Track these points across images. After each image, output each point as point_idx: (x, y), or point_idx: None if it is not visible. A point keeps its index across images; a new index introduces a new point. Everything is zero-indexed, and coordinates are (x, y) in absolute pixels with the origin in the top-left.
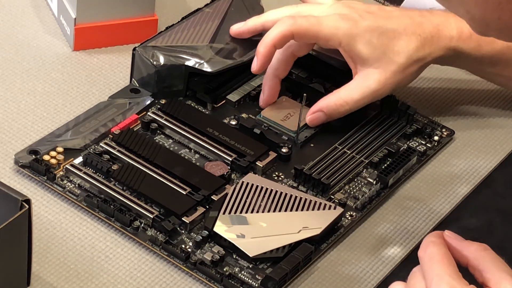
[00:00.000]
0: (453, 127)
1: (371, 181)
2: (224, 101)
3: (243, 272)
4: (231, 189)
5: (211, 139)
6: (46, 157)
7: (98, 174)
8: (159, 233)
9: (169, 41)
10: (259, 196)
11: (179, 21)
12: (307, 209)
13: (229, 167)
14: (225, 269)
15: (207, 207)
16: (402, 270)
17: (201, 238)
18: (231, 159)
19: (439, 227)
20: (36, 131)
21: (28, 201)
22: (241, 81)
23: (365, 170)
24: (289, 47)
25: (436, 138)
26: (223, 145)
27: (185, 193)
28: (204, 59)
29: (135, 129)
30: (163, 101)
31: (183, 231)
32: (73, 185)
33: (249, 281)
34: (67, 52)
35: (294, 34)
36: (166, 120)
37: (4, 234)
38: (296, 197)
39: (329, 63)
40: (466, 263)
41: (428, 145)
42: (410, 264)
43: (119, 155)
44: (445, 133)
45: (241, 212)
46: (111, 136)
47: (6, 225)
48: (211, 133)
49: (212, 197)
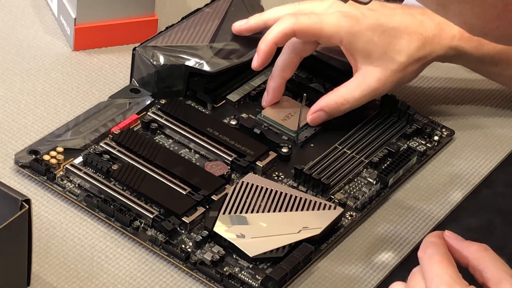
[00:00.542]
0: (453, 127)
1: (371, 181)
2: (224, 101)
3: (243, 272)
4: (231, 189)
5: (211, 139)
6: (46, 157)
7: (98, 174)
8: (159, 233)
9: (169, 41)
10: (259, 196)
11: (179, 21)
12: (307, 209)
13: (229, 167)
14: (225, 269)
15: (207, 207)
16: (402, 270)
17: (201, 238)
18: (231, 159)
19: (439, 227)
20: (36, 131)
21: (28, 201)
22: (241, 81)
23: (365, 170)
24: (295, 48)
25: (436, 138)
26: (223, 145)
27: (185, 193)
28: (204, 59)
29: (135, 129)
30: (163, 101)
31: (183, 231)
32: (73, 185)
33: (249, 281)
34: (67, 52)
35: (295, 32)
36: (166, 120)
37: (4, 234)
38: (296, 197)
39: (329, 63)
40: (466, 263)
41: (428, 145)
42: (410, 264)
43: (119, 155)
44: (445, 133)
45: (241, 212)
46: (111, 136)
47: (6, 225)
48: (211, 133)
49: (212, 197)
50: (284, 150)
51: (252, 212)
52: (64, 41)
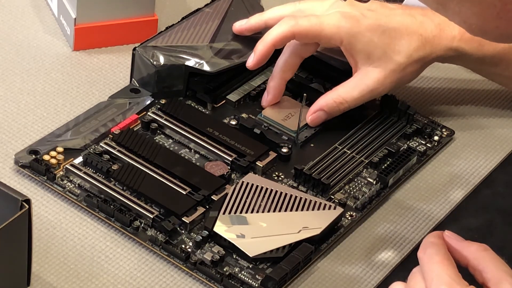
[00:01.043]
0: (453, 127)
1: (371, 181)
2: (224, 101)
3: (243, 272)
4: (231, 189)
5: (211, 139)
6: (46, 157)
7: (98, 174)
8: (159, 233)
9: (169, 41)
10: (259, 196)
11: (179, 21)
12: (307, 209)
13: (229, 167)
14: (225, 269)
15: (207, 207)
16: (402, 270)
17: (201, 238)
18: (231, 159)
19: (439, 227)
20: (36, 131)
21: (28, 201)
22: (241, 81)
23: (365, 170)
24: (296, 49)
25: (436, 138)
26: (223, 145)
27: (185, 193)
28: (204, 59)
29: (135, 129)
30: (163, 101)
31: (183, 231)
32: (73, 185)
33: (249, 281)
34: (67, 52)
35: (295, 34)
36: (166, 120)
37: (4, 234)
38: (296, 197)
39: (329, 63)
40: (466, 263)
41: (428, 145)
42: (410, 264)
43: (119, 155)
44: (445, 133)
45: (241, 212)
46: (111, 136)
47: (6, 225)
48: (211, 133)
49: (212, 197)
50: (284, 150)
51: (252, 212)
52: (64, 41)
